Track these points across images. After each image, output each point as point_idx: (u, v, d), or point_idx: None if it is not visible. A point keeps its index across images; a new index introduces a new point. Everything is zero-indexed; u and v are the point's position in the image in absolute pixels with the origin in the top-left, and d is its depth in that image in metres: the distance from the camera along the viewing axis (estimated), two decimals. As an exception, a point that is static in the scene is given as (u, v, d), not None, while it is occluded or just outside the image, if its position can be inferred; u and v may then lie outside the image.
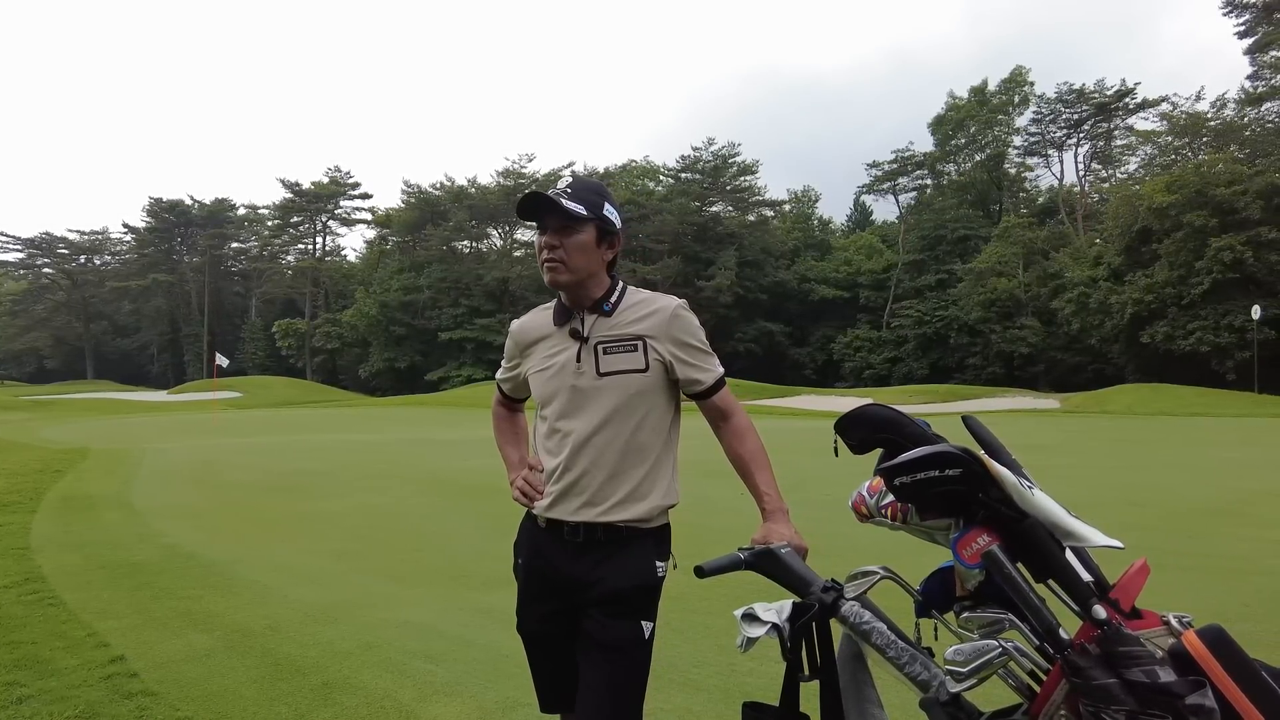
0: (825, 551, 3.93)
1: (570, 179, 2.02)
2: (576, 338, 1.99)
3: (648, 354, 1.96)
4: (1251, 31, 38.06)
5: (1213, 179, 33.15)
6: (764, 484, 1.95)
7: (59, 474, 10.91)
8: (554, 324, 2.05)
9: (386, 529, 7.34)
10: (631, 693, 1.89)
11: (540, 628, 2.03)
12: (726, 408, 2.03)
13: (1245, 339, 30.96)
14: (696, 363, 2.00)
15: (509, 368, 2.21)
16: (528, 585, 2.06)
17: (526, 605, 2.06)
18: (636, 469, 1.94)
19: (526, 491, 2.03)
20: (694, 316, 2.03)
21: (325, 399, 45.11)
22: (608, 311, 2.00)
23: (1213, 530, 6.74)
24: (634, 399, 1.94)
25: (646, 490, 1.94)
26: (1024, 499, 1.32)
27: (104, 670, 3.70)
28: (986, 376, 42.63)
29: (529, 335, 2.11)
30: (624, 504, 1.92)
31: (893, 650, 1.44)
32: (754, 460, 1.99)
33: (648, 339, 1.96)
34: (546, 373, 2.02)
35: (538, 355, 2.07)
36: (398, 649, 4.00)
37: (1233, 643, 1.15)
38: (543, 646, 2.05)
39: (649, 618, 1.92)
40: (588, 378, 1.95)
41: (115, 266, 74.27)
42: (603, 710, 1.85)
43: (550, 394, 2.01)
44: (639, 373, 1.95)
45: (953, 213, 50.35)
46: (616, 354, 1.95)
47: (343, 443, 16.37)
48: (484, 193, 56.63)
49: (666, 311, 1.99)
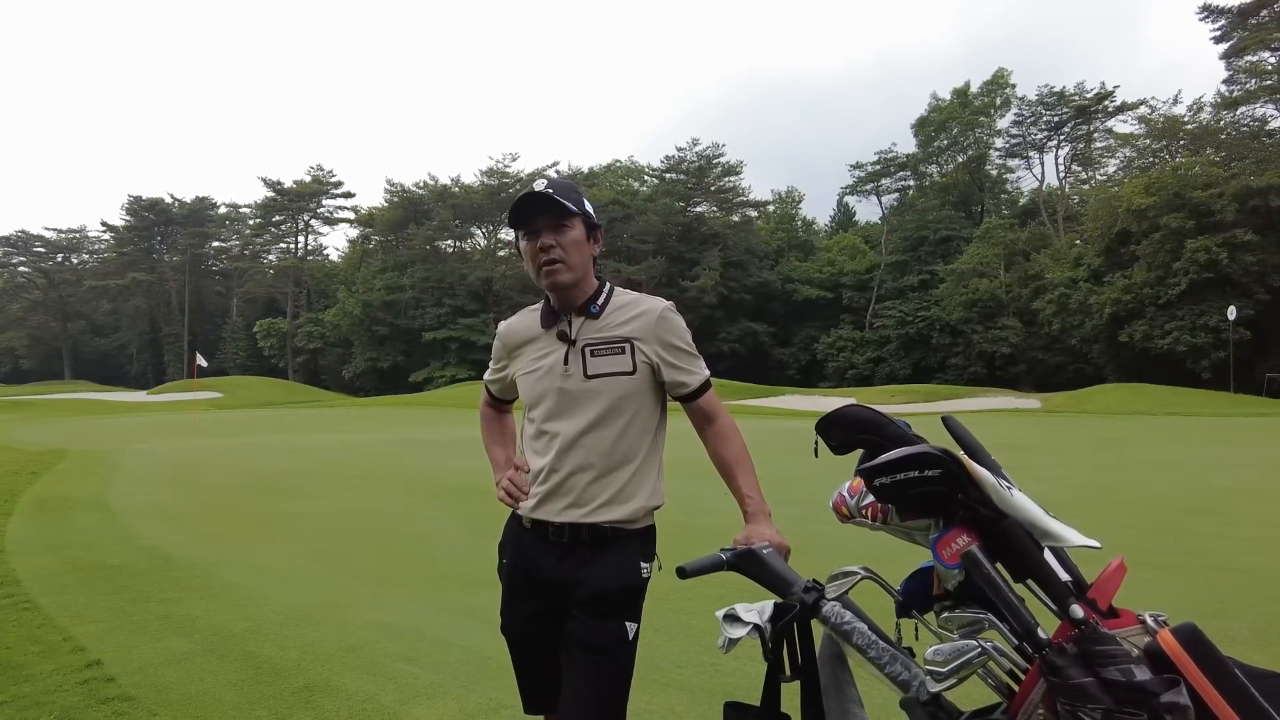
0: (808, 551, 3.94)
1: (545, 180, 2.00)
2: (564, 340, 1.98)
3: (635, 356, 1.96)
4: (1227, 36, 38.61)
5: (1189, 181, 33.62)
6: (746, 486, 1.96)
7: (35, 476, 10.77)
8: (541, 326, 2.04)
9: (369, 530, 7.29)
10: (615, 693, 1.88)
11: (525, 628, 2.02)
12: (711, 410, 2.04)
13: (1221, 339, 31.43)
14: (683, 365, 2.00)
15: (497, 369, 2.21)
16: (512, 586, 2.05)
17: (511, 606, 2.05)
18: (623, 470, 1.94)
19: (511, 492, 2.02)
20: (681, 319, 2.04)
21: (307, 399, 44.77)
22: (595, 314, 1.99)
23: (1190, 528, 6.83)
24: (621, 401, 1.94)
25: (632, 492, 1.94)
26: (1003, 499, 1.33)
27: (80, 675, 3.65)
28: (968, 376, 42.97)
29: (517, 337, 2.10)
30: (609, 505, 1.92)
31: (874, 650, 1.44)
32: (737, 463, 2.00)
33: (635, 341, 1.96)
34: (534, 375, 2.02)
35: (525, 357, 2.06)
36: (380, 651, 3.98)
37: (1207, 641, 1.17)
38: (527, 647, 2.04)
39: (633, 618, 1.92)
40: (575, 380, 1.95)
41: (93, 265, 73.27)
42: (587, 710, 1.84)
43: (538, 396, 2.01)
44: (626, 375, 1.95)
45: (935, 214, 50.73)
46: (604, 356, 1.95)
47: (325, 443, 16.25)
48: (468, 192, 56.43)
49: (654, 314, 1.99)
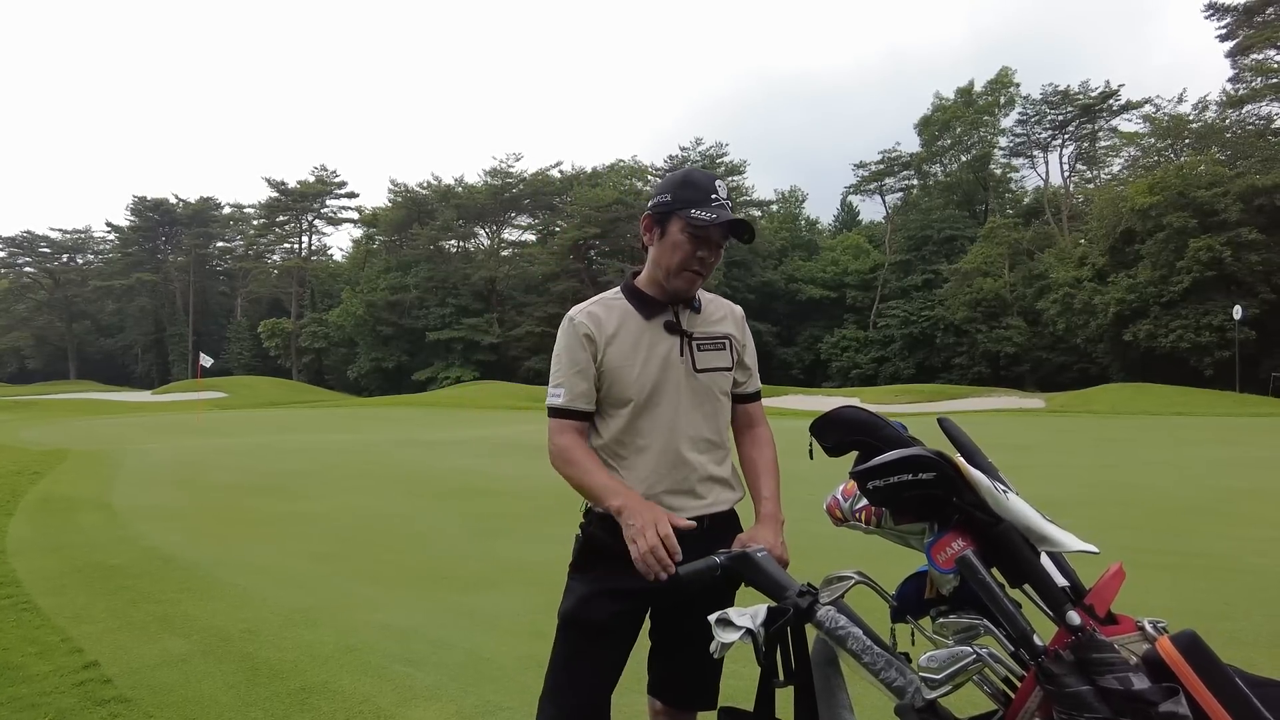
0: (809, 554, 3.92)
1: (726, 191, 1.91)
2: (673, 331, 1.95)
3: (733, 353, 2.03)
4: (1232, 34, 38.46)
5: (1194, 180, 33.47)
6: (768, 490, 1.99)
7: (37, 475, 10.78)
8: (641, 316, 1.94)
9: (369, 530, 7.28)
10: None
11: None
12: (760, 416, 2.15)
13: (1225, 338, 31.32)
14: (753, 368, 2.13)
15: (582, 369, 1.91)
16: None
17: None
18: (725, 462, 2.02)
19: (660, 559, 1.64)
20: None
21: (311, 399, 44.83)
22: (697, 308, 2.01)
23: (1195, 528, 6.79)
24: (723, 396, 2.02)
25: (736, 480, 2.05)
26: (998, 503, 1.30)
27: (76, 676, 3.64)
28: (972, 376, 42.87)
29: (607, 328, 1.92)
30: (722, 494, 1.98)
31: (868, 656, 1.42)
32: (766, 467, 2.05)
33: (732, 338, 2.04)
34: (644, 365, 1.90)
35: (623, 347, 1.91)
36: (378, 652, 3.96)
37: (1207, 649, 1.14)
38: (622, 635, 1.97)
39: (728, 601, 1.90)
40: (689, 372, 1.95)
41: (98, 265, 73.40)
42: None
43: (650, 387, 1.90)
44: (726, 370, 2.01)
45: (939, 213, 50.64)
46: (710, 351, 1.99)
47: (327, 443, 16.26)
48: (471, 192, 56.46)
49: (739, 315, 2.11)
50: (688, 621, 1.84)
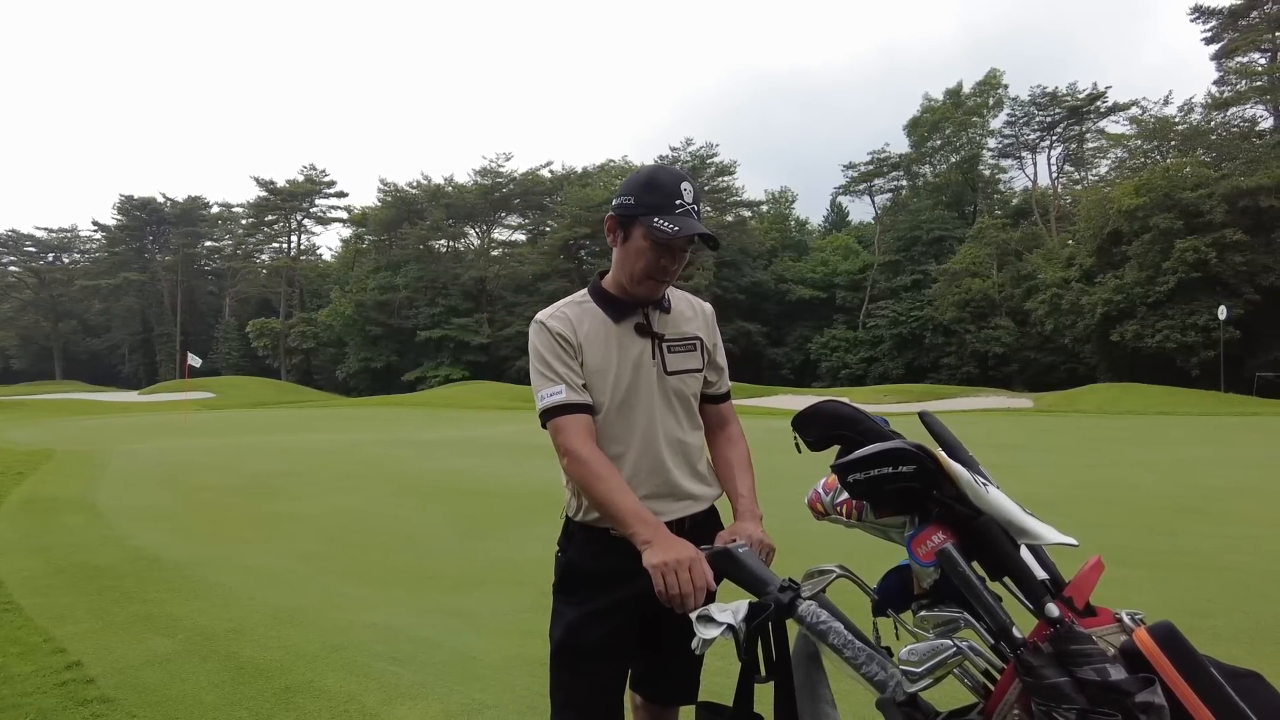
0: (796, 550, 3.92)
1: (694, 193, 1.84)
2: (644, 334, 1.93)
3: (703, 354, 2.02)
4: (1218, 37, 38.78)
5: (1180, 182, 33.73)
6: (744, 487, 1.99)
7: (21, 476, 10.69)
8: (610, 319, 1.91)
9: (357, 530, 7.25)
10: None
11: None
12: (732, 414, 2.15)
13: (1211, 338, 31.56)
14: (723, 367, 2.10)
15: (578, 369, 1.86)
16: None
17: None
18: (701, 460, 2.02)
19: (687, 595, 1.60)
20: None
21: (300, 399, 44.58)
22: (667, 308, 1.99)
23: (1179, 527, 6.84)
24: (692, 397, 2.00)
25: (713, 478, 2.05)
26: (978, 496, 1.31)
27: (59, 676, 3.61)
28: (961, 376, 43.03)
29: (579, 330, 1.89)
30: (701, 493, 1.98)
31: (850, 650, 1.42)
32: (740, 465, 2.05)
33: (702, 339, 2.02)
34: (621, 368, 1.88)
35: (596, 350, 1.88)
36: (364, 651, 3.95)
37: (1183, 640, 1.15)
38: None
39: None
40: (660, 375, 1.93)
41: (85, 265, 72.80)
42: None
43: (622, 390, 1.87)
44: (696, 372, 2.00)
45: (928, 214, 50.80)
46: (680, 353, 1.97)
47: (315, 444, 16.18)
48: (461, 191, 56.31)
49: (709, 313, 2.08)
50: (669, 618, 1.84)
